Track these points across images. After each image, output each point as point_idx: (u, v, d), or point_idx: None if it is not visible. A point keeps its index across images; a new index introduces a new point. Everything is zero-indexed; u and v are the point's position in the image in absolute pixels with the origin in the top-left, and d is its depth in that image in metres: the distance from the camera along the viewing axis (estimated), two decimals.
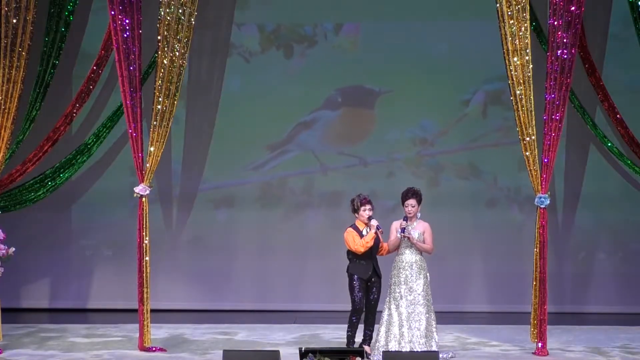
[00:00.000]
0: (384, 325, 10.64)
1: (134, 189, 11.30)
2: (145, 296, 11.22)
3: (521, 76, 10.97)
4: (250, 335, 12.30)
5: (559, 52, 10.98)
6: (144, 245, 11.22)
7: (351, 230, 10.73)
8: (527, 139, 11.02)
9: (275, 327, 12.77)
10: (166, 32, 11.21)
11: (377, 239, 10.73)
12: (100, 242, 14.32)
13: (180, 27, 11.24)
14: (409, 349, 10.39)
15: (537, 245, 11.10)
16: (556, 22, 10.96)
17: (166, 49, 11.21)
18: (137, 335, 11.35)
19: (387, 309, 10.66)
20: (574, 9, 10.94)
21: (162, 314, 13.01)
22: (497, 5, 10.97)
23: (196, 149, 14.15)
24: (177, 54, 11.24)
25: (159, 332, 12.19)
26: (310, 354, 9.30)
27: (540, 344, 11.07)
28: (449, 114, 14.04)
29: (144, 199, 11.28)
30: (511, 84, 11.03)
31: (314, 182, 14.19)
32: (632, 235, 14.01)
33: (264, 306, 14.05)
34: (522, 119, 11.01)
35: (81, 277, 14.23)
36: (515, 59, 10.96)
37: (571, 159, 13.98)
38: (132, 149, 11.29)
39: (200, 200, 14.18)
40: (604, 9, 13.67)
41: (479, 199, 14.08)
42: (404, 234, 10.61)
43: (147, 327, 11.26)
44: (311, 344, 11.30)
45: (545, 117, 11.06)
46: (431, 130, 14.08)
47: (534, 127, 11.02)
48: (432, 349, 10.45)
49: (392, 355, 9.67)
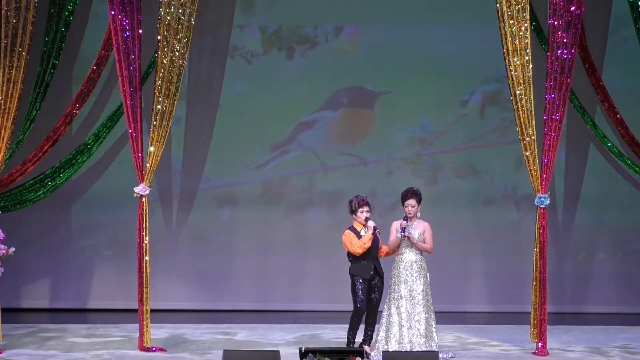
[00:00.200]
0: (384, 325, 10.64)
1: (134, 189, 11.30)
2: (145, 296, 11.22)
3: (521, 76, 10.97)
4: (250, 335, 12.30)
5: (559, 52, 10.98)
6: (144, 245, 11.22)
7: (349, 232, 10.73)
8: (527, 139, 11.02)
9: (275, 327, 12.77)
10: (166, 32, 11.21)
11: (376, 239, 10.73)
12: (100, 242, 14.32)
13: (180, 27, 11.24)
14: (409, 349, 10.39)
15: (537, 245, 11.10)
16: (556, 22, 10.96)
17: (166, 49, 11.21)
18: (137, 335, 11.35)
19: (387, 309, 10.66)
20: (574, 9, 10.94)
21: (162, 314, 13.01)
22: (497, 5, 10.97)
23: (196, 149, 14.15)
24: (177, 54, 11.24)
25: (159, 332, 12.19)
26: (310, 354, 9.29)
27: (540, 344, 11.07)
28: (448, 114, 14.04)
29: (144, 199, 11.28)
30: (511, 84, 11.03)
31: (314, 182, 14.19)
32: (632, 235, 14.01)
33: (264, 306, 14.05)
34: (522, 119, 11.01)
35: (81, 277, 14.23)
36: (515, 59, 10.96)
37: (571, 159, 13.99)
38: (132, 149, 11.29)
39: (200, 200, 14.18)
40: (604, 9, 13.67)
41: (479, 199, 14.08)
42: (404, 233, 10.61)
43: (147, 327, 11.26)
44: (311, 344, 11.30)
45: (545, 117, 11.06)
46: (430, 130, 14.08)
47: (534, 127, 11.02)
48: (432, 349, 10.45)
49: (392, 355, 9.67)
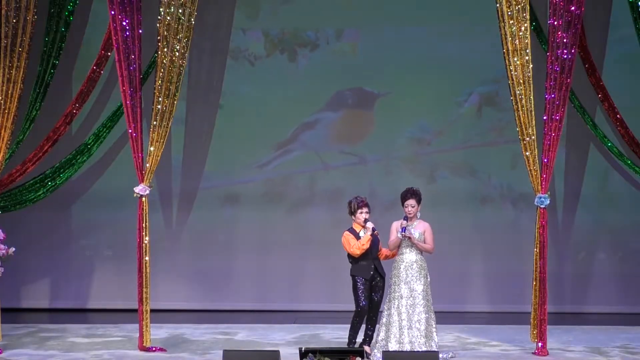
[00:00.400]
0: (384, 325, 10.64)
1: (134, 189, 11.30)
2: (145, 296, 11.22)
3: (521, 76, 10.97)
4: (250, 335, 12.30)
5: (559, 52, 10.98)
6: (144, 245, 11.22)
7: (348, 233, 10.73)
8: (527, 139, 11.01)
9: (275, 327, 12.77)
10: (166, 32, 11.21)
11: (375, 240, 10.73)
12: (100, 242, 14.32)
13: (180, 27, 11.24)
14: (409, 349, 10.39)
15: (537, 245, 11.10)
16: (556, 22, 10.96)
17: (166, 49, 11.21)
18: (137, 335, 11.35)
19: (387, 309, 10.66)
20: (574, 9, 10.94)
21: (162, 314, 13.01)
22: (497, 5, 10.96)
23: (196, 149, 14.15)
24: (177, 54, 11.24)
25: (159, 332, 12.19)
26: (310, 354, 9.29)
27: (540, 344, 11.07)
28: (447, 114, 14.03)
29: (144, 199, 11.28)
30: (511, 84, 11.03)
31: (314, 182, 14.19)
32: (632, 235, 14.00)
33: (264, 306, 14.05)
34: (522, 119, 11.01)
35: (81, 277, 14.23)
36: (515, 59, 10.95)
37: (571, 159, 13.99)
38: (132, 149, 11.28)
39: (200, 200, 14.18)
40: (604, 9, 13.67)
41: (479, 199, 14.08)
42: (404, 233, 10.60)
43: (147, 327, 11.26)
44: (311, 344, 11.30)
45: (545, 117, 11.06)
46: (429, 130, 14.08)
47: (534, 127, 11.01)
48: (432, 349, 10.45)
49: (392, 355, 9.67)
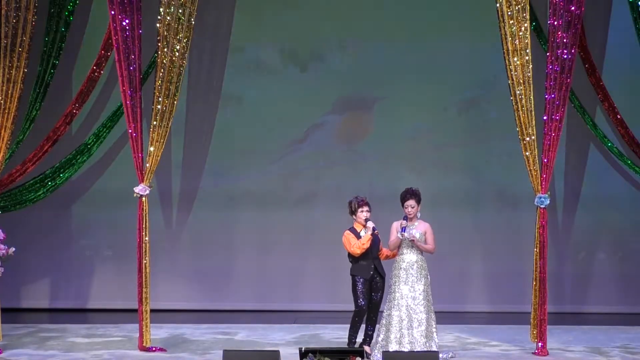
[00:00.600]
0: (384, 325, 10.64)
1: (134, 189, 11.30)
2: (145, 296, 11.22)
3: (521, 76, 10.97)
4: (250, 335, 12.30)
5: (559, 52, 10.98)
6: (144, 245, 11.22)
7: (348, 232, 10.74)
8: (527, 139, 11.01)
9: (275, 327, 12.77)
10: (166, 32, 11.21)
11: (376, 240, 10.73)
12: (100, 242, 14.32)
13: (180, 27, 11.24)
14: (409, 349, 10.39)
15: (537, 245, 11.10)
16: (556, 22, 10.96)
17: (166, 49, 11.21)
18: (137, 335, 11.35)
19: (387, 309, 10.66)
20: (574, 9, 10.94)
21: (162, 314, 13.01)
22: (497, 5, 10.97)
23: (196, 149, 14.15)
24: (177, 54, 11.24)
25: (159, 332, 12.19)
26: (310, 354, 9.29)
27: (540, 344, 11.07)
28: (446, 115, 14.02)
29: (144, 199, 11.28)
30: (511, 84, 11.03)
31: (314, 181, 14.18)
32: (632, 235, 14.01)
33: (264, 306, 14.05)
34: (522, 119, 11.01)
35: (81, 277, 14.23)
36: (515, 59, 10.96)
37: (571, 159, 13.98)
38: (132, 149, 11.28)
39: (200, 200, 14.18)
40: (604, 9, 13.68)
41: (478, 199, 14.08)
42: (404, 233, 10.60)
43: (147, 327, 11.26)
44: (311, 344, 11.30)
45: (545, 117, 11.06)
46: (429, 131, 14.06)
47: (534, 127, 11.02)
48: (432, 349, 10.45)
49: (392, 355, 9.67)
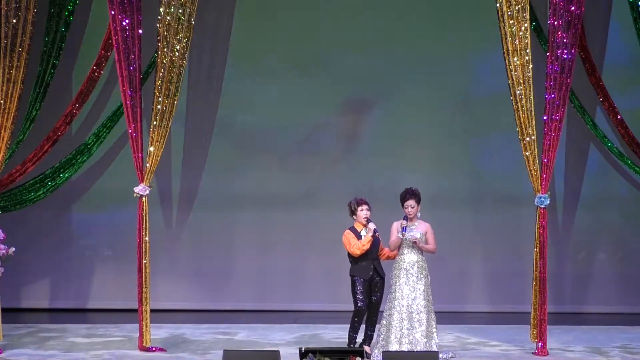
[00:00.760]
0: (385, 325, 10.64)
1: (134, 189, 11.30)
2: (145, 296, 11.22)
3: (521, 76, 10.97)
4: (250, 335, 12.30)
5: (559, 52, 10.98)
6: (144, 245, 11.22)
7: (349, 232, 10.74)
8: (527, 139, 11.01)
9: (275, 327, 12.77)
10: (166, 32, 11.21)
11: (376, 241, 10.73)
12: (100, 242, 14.32)
13: (180, 27, 11.24)
14: (409, 349, 10.39)
15: (537, 245, 11.10)
16: (556, 22, 10.96)
17: (166, 49, 11.21)
18: (137, 335, 11.35)
19: (387, 309, 10.66)
20: (574, 9, 10.94)
21: (162, 314, 13.01)
22: (497, 5, 10.97)
23: (196, 149, 14.15)
24: (177, 54, 11.24)
25: (159, 332, 12.19)
26: (310, 354, 9.29)
27: (540, 344, 11.07)
28: (446, 115, 14.02)
29: (144, 199, 11.28)
30: (511, 84, 11.03)
31: (314, 182, 14.18)
32: (632, 235, 14.01)
33: (264, 306, 14.05)
34: (522, 119, 11.01)
35: (81, 277, 14.23)
36: (515, 59, 10.96)
37: (571, 159, 13.98)
38: (132, 149, 11.28)
39: (200, 200, 14.18)
40: (604, 9, 13.68)
41: (478, 199, 14.08)
42: (405, 233, 10.60)
43: (147, 327, 11.26)
44: (311, 344, 11.30)
45: (545, 117, 11.06)
46: (428, 131, 14.05)
47: (534, 127, 11.02)
48: (432, 349, 10.45)
49: (392, 355, 9.67)
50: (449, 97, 14.04)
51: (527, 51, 10.95)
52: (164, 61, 11.21)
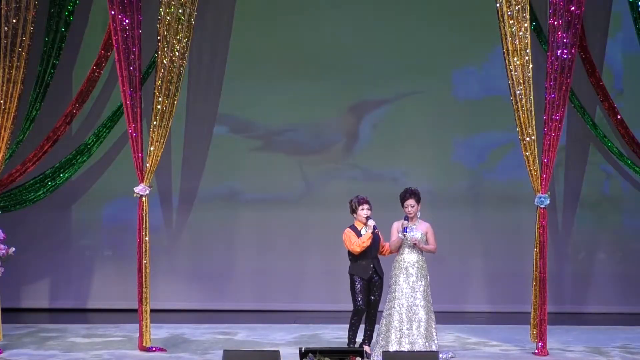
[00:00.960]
0: (384, 325, 10.64)
1: (134, 189, 11.29)
2: (145, 296, 11.22)
3: (521, 76, 10.97)
4: (250, 335, 12.30)
5: (559, 52, 10.98)
6: (144, 245, 11.22)
7: (349, 230, 10.74)
8: (527, 139, 11.01)
9: (275, 327, 12.77)
10: (166, 32, 11.21)
11: (377, 239, 10.73)
12: (100, 242, 14.32)
13: (180, 27, 11.24)
14: (409, 349, 10.39)
15: (537, 245, 11.10)
16: (556, 22, 10.96)
17: (166, 49, 11.21)
18: (137, 335, 11.35)
19: (387, 309, 10.66)
20: (574, 9, 10.94)
21: (162, 314, 13.01)
22: (497, 5, 10.96)
23: (196, 148, 14.15)
24: (177, 54, 11.24)
25: (159, 332, 12.19)
26: (310, 354, 9.29)
27: (540, 344, 11.07)
28: (446, 115, 14.02)
29: (144, 199, 11.28)
30: (511, 84, 11.03)
31: (314, 182, 14.18)
32: (632, 235, 14.01)
33: (264, 306, 14.05)
34: (522, 119, 11.00)
35: (81, 277, 14.23)
36: (515, 59, 10.95)
37: (571, 159, 13.98)
38: (132, 149, 11.28)
39: (200, 200, 14.18)
40: (604, 9, 13.67)
41: (478, 199, 14.08)
42: (406, 234, 10.60)
43: (147, 327, 11.26)
44: (311, 344, 11.30)
45: (545, 117, 11.06)
46: (428, 131, 14.06)
47: (534, 127, 11.01)
48: (431, 349, 10.45)
49: (392, 355, 9.67)
50: (450, 97, 14.03)
51: (527, 51, 10.94)
52: (164, 61, 11.21)
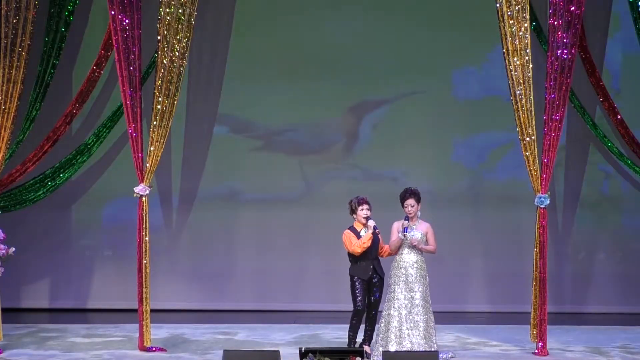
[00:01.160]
0: (384, 325, 10.64)
1: (134, 189, 11.30)
2: (145, 296, 11.22)
3: (521, 76, 10.97)
4: (250, 335, 12.30)
5: (559, 52, 10.98)
6: (144, 245, 11.22)
7: (348, 231, 10.73)
8: (527, 139, 11.01)
9: (275, 327, 12.77)
10: (166, 32, 11.21)
11: (377, 239, 10.73)
12: (100, 242, 14.32)
13: (180, 27, 11.24)
14: (408, 349, 10.39)
15: (537, 245, 11.10)
16: (556, 22, 10.96)
17: (166, 49, 11.21)
18: (137, 335, 11.35)
19: (386, 309, 10.66)
20: (574, 9, 10.94)
21: (162, 314, 13.01)
22: (497, 5, 10.97)
23: (196, 148, 14.15)
24: (177, 54, 11.24)
25: (159, 332, 12.19)
26: (310, 354, 9.30)
27: (540, 344, 11.07)
28: (446, 115, 14.01)
29: (144, 199, 11.28)
30: (511, 84, 11.03)
31: (314, 182, 14.18)
32: (632, 235, 14.01)
33: (264, 306, 14.05)
34: (522, 119, 11.01)
35: (81, 277, 14.23)
36: (515, 59, 10.95)
37: (571, 159, 13.98)
38: (132, 149, 11.29)
39: (200, 200, 14.18)
40: (604, 9, 13.67)
41: (478, 199, 14.08)
42: (406, 234, 10.60)
43: (147, 327, 11.26)
44: (311, 344, 11.30)
45: (545, 117, 11.06)
46: (428, 131, 14.06)
47: (534, 127, 11.02)
48: (431, 349, 10.45)
49: (392, 355, 9.67)
50: (450, 97, 14.02)
51: (527, 51, 10.94)
52: (164, 61, 11.22)
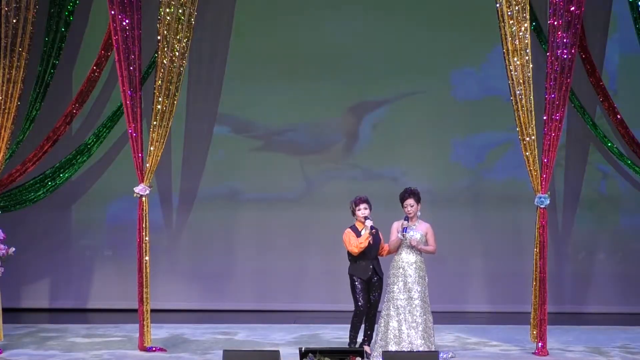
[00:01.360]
0: (383, 325, 10.64)
1: (134, 189, 11.29)
2: (145, 296, 11.22)
3: (521, 76, 10.97)
4: (250, 335, 12.30)
5: (559, 52, 10.98)
6: (144, 245, 11.22)
7: (349, 231, 10.74)
8: (527, 139, 11.01)
9: (275, 327, 12.77)
10: (166, 32, 11.21)
11: (377, 239, 10.73)
12: (100, 242, 14.32)
13: (180, 27, 11.24)
14: (408, 349, 10.39)
15: (537, 245, 11.10)
16: (556, 22, 10.96)
17: (166, 49, 11.21)
18: (137, 335, 11.35)
19: (385, 309, 10.66)
20: (574, 9, 10.94)
21: (162, 314, 13.02)
22: (497, 5, 10.97)
23: (196, 148, 14.15)
24: (177, 54, 11.24)
25: (159, 332, 12.19)
26: (310, 354, 9.30)
27: (540, 344, 11.07)
28: (446, 115, 14.01)
29: (144, 199, 11.28)
30: (511, 84, 11.03)
31: (314, 182, 14.18)
32: (632, 235, 14.01)
33: (264, 306, 14.05)
34: (522, 119, 11.01)
35: (81, 277, 14.23)
36: (515, 59, 10.95)
37: (571, 159, 13.98)
38: (132, 149, 11.29)
39: (200, 200, 14.18)
40: (604, 9, 13.67)
41: (478, 199, 14.08)
42: (406, 234, 10.60)
43: (147, 327, 11.26)
44: (311, 344, 11.30)
45: (545, 117, 11.06)
46: (427, 131, 14.06)
47: (534, 127, 11.02)
48: (430, 349, 10.45)
49: (392, 355, 9.68)
50: (449, 97, 14.02)
51: (527, 51, 10.94)
52: (164, 61, 11.21)
